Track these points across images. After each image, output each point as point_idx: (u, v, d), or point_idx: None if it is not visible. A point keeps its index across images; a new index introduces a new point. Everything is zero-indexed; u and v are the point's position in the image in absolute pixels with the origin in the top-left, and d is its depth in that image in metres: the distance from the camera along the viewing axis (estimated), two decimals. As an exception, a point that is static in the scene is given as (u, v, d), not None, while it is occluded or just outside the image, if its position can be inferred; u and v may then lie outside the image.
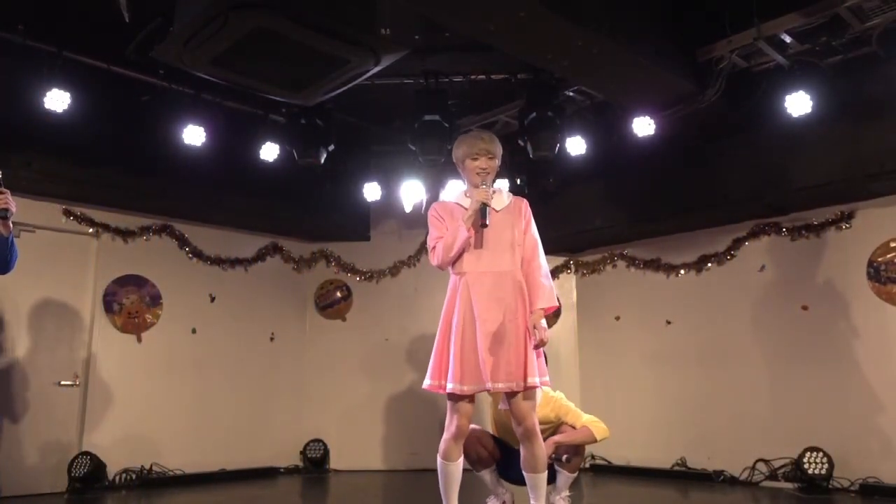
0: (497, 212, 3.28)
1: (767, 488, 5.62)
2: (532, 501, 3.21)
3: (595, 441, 4.27)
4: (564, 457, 4.18)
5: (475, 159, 3.29)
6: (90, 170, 5.68)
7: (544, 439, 3.54)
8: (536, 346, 3.15)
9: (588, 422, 4.21)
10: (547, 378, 3.23)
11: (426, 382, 3.19)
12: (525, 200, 3.41)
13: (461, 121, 6.07)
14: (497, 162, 3.34)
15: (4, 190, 3.13)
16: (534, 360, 3.14)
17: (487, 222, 3.17)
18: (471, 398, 3.14)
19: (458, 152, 3.35)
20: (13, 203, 3.13)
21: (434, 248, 3.26)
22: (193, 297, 6.64)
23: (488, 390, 3.11)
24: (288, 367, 7.17)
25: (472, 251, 3.24)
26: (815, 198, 5.59)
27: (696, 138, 5.82)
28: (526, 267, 3.28)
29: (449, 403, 3.16)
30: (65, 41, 4.81)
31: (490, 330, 3.11)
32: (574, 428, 4.20)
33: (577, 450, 4.22)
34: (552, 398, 4.28)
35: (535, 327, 3.15)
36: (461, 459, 3.19)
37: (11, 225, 3.18)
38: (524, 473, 3.21)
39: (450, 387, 3.08)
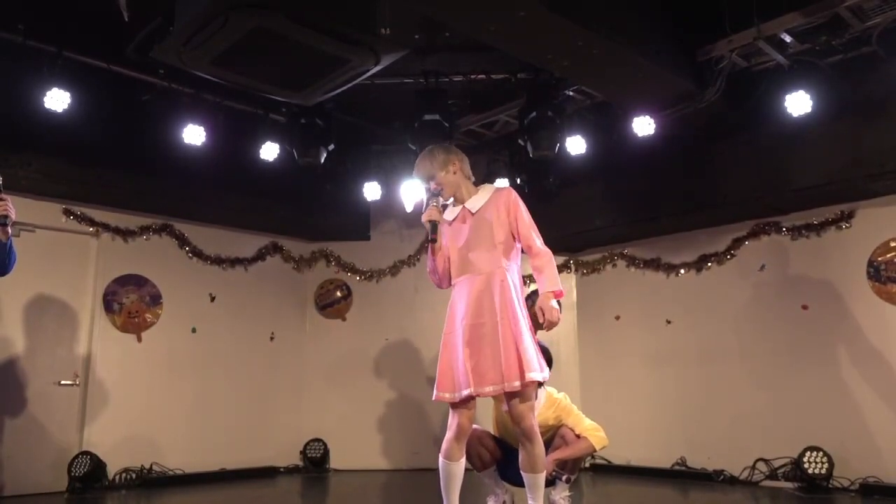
0: (473, 214, 3.28)
1: (767, 488, 5.62)
2: (530, 502, 3.20)
3: (594, 451, 4.27)
4: (565, 476, 4.18)
5: (426, 182, 3.37)
6: (90, 170, 5.69)
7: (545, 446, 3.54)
8: (548, 328, 3.11)
9: (588, 430, 4.20)
10: (543, 374, 3.10)
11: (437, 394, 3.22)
12: (509, 189, 3.35)
13: (461, 120, 6.09)
14: (440, 178, 3.29)
15: (5, 196, 3.12)
16: (528, 358, 3.02)
17: (434, 237, 3.25)
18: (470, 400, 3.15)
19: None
20: (13, 210, 3.12)
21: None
22: (193, 296, 6.64)
23: (473, 396, 3.09)
24: (288, 367, 7.18)
25: (455, 260, 3.28)
26: (815, 198, 5.58)
27: (696, 138, 5.82)
28: (527, 254, 3.28)
29: (451, 405, 3.17)
30: (65, 41, 4.81)
31: (473, 335, 3.07)
32: (573, 431, 4.20)
33: (577, 462, 4.22)
34: (556, 399, 4.27)
35: (541, 309, 3.10)
36: (463, 459, 3.18)
37: (10, 231, 3.17)
38: (522, 474, 3.20)
39: (434, 395, 3.16)
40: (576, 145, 5.66)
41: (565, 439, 4.19)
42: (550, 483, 4.08)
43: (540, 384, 3.49)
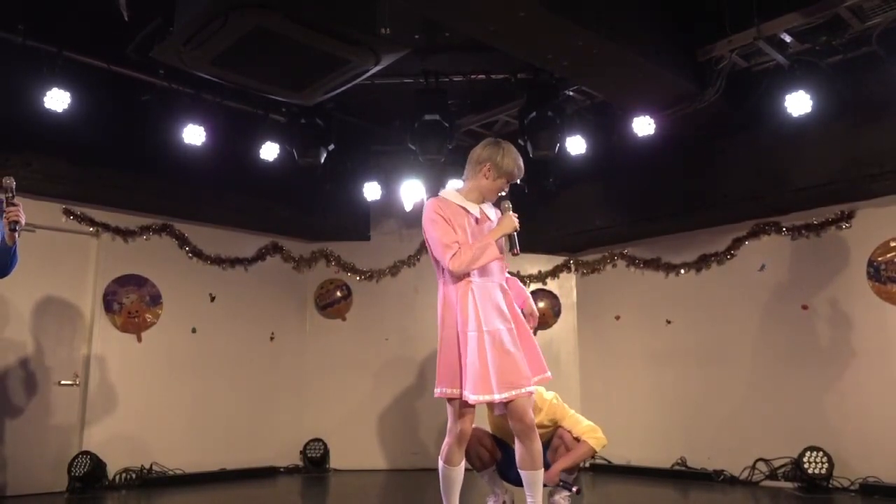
0: (489, 219, 3.30)
1: (767, 488, 5.62)
2: (529, 500, 3.19)
3: (595, 453, 4.27)
4: (574, 488, 4.18)
5: (510, 182, 3.28)
6: (90, 170, 5.69)
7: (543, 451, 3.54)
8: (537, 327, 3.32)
9: (586, 431, 4.19)
10: (548, 374, 3.24)
11: (446, 391, 3.08)
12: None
13: (461, 121, 6.08)
14: None
15: (17, 202, 3.13)
16: (537, 360, 3.18)
17: (518, 250, 3.20)
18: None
19: (503, 162, 3.21)
20: (24, 216, 3.13)
21: (457, 253, 3.07)
22: (193, 296, 6.64)
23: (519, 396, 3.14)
24: (288, 367, 7.17)
25: None
26: (815, 198, 5.58)
27: (696, 138, 5.82)
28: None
29: (451, 408, 3.12)
30: (65, 41, 4.81)
31: (515, 338, 3.15)
32: (571, 434, 4.19)
33: (577, 466, 4.22)
34: (546, 401, 4.25)
35: (531, 314, 3.35)
36: (463, 463, 3.18)
37: (17, 236, 3.17)
38: (520, 472, 3.19)
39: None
40: (576, 145, 5.66)
41: (564, 441, 4.18)
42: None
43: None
